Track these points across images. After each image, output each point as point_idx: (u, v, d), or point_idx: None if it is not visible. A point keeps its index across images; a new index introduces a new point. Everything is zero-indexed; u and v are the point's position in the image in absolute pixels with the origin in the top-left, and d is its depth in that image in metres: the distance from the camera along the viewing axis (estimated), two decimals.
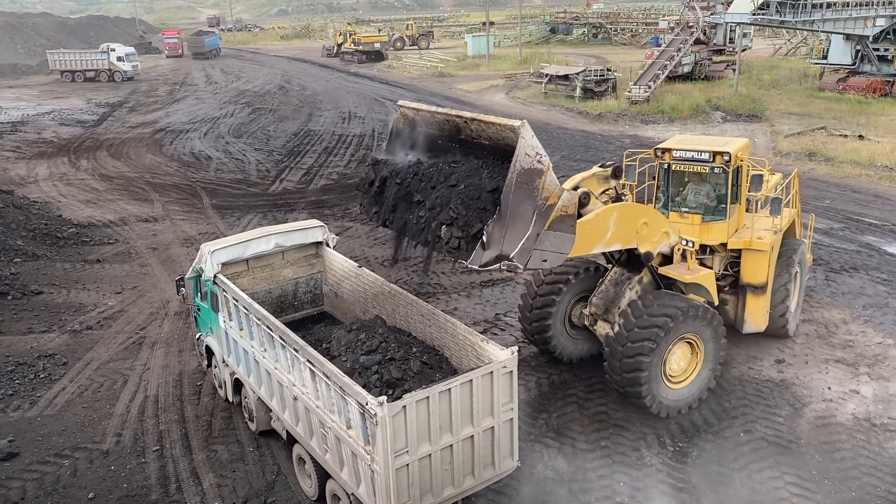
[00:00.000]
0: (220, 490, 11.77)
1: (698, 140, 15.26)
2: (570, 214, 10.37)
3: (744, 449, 12.46)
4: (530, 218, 9.80)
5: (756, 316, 14.85)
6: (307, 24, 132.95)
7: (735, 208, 14.50)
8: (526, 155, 9.45)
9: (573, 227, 10.50)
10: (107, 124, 46.24)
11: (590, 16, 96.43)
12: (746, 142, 15.03)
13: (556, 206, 10.01)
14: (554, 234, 10.20)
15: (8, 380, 15.13)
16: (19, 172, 33.24)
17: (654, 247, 13.02)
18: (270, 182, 31.24)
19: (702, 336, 13.12)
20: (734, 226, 14.65)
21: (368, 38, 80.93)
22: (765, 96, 44.94)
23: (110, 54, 69.54)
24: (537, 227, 9.92)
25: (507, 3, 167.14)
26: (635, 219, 12.48)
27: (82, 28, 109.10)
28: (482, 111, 45.79)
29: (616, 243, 12.29)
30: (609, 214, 11.92)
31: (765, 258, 14.39)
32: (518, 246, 9.83)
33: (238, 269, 13.69)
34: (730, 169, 13.90)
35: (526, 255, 9.98)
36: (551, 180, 9.84)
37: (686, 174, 14.66)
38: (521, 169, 9.44)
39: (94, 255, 22.35)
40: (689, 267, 13.61)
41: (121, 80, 68.73)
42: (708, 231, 14.31)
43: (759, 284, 14.57)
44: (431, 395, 9.46)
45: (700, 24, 49.66)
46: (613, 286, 14.13)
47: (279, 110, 49.33)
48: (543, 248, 10.17)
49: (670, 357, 13.02)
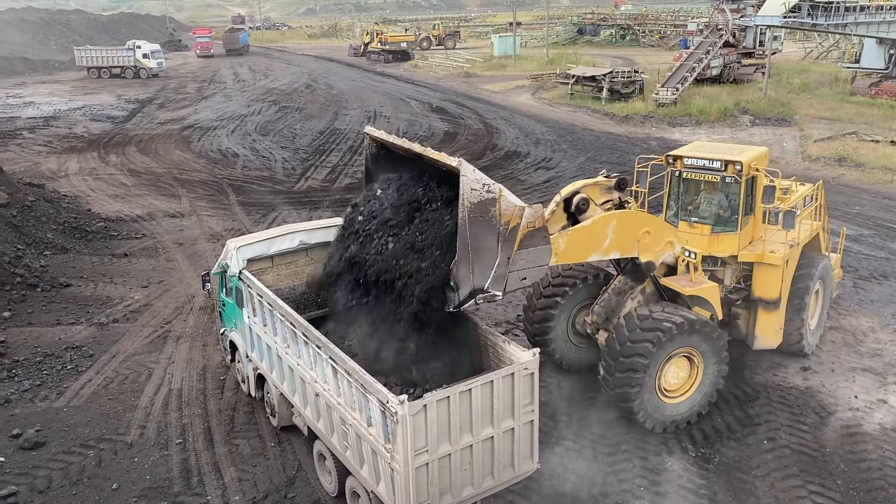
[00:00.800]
0: (241, 484, 11.87)
1: (712, 148, 14.72)
2: (540, 227, 10.30)
3: (767, 456, 12.32)
4: (495, 246, 9.85)
5: (767, 332, 14.20)
6: (334, 24, 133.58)
7: (748, 220, 13.92)
8: (472, 190, 9.50)
9: (546, 238, 10.48)
10: (136, 120, 46.84)
11: (618, 17, 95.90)
12: (764, 151, 14.43)
13: (520, 226, 9.99)
14: (527, 252, 10.21)
15: (36, 370, 15.39)
16: (50, 167, 33.78)
17: (656, 257, 12.67)
18: (296, 180, 31.45)
19: (700, 351, 12.71)
20: (747, 238, 14.05)
21: (395, 38, 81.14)
22: (795, 100, 44.35)
23: (136, 51, 70.47)
24: (506, 251, 9.96)
25: (534, 3, 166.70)
26: (637, 227, 12.21)
27: (114, 25, 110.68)
28: (508, 112, 45.86)
29: (615, 251, 12.05)
30: (607, 222, 11.75)
31: (777, 272, 13.72)
32: (490, 275, 9.90)
33: (263, 265, 13.80)
34: (742, 179, 13.35)
35: (501, 281, 10.06)
36: (506, 204, 9.83)
37: (698, 183, 14.16)
38: (471, 204, 9.50)
39: (121, 250, 22.66)
40: (693, 279, 13.10)
41: (146, 76, 69.57)
42: (717, 242, 13.76)
43: (770, 299, 13.92)
44: (452, 395, 9.46)
45: (730, 27, 49.15)
46: (616, 295, 13.77)
47: (306, 109, 49.63)
48: (518, 268, 10.18)
49: (666, 371, 12.64)
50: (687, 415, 12.99)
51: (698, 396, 13.02)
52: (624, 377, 12.24)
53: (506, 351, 10.63)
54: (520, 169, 32.38)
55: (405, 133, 39.95)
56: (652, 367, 12.25)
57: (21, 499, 11.54)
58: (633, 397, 12.27)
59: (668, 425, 12.84)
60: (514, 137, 38.87)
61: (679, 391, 12.98)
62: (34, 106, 51.99)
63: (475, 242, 9.65)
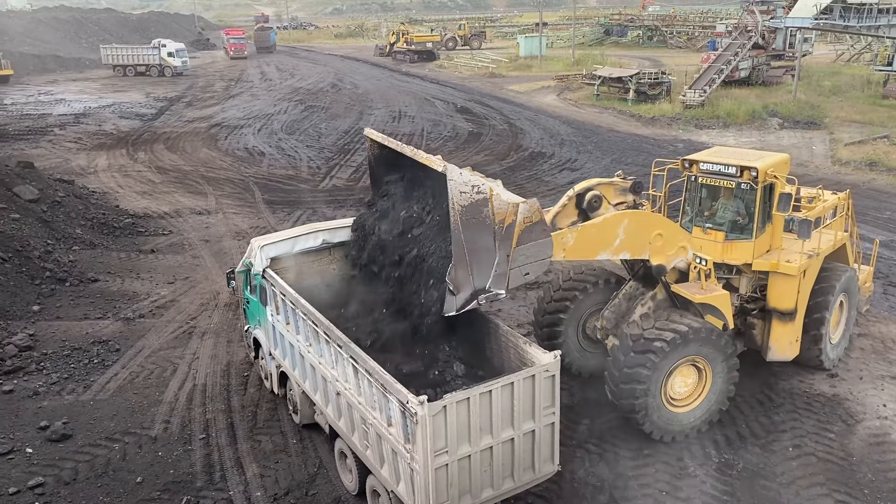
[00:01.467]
0: (263, 480, 11.97)
1: (730, 153, 14.42)
2: (538, 221, 10.18)
3: (792, 464, 12.16)
4: (493, 245, 9.80)
5: (782, 343, 13.86)
6: (361, 24, 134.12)
7: (766, 228, 13.55)
8: (461, 193, 9.47)
9: (546, 232, 10.37)
10: (164, 118, 47.39)
11: (645, 18, 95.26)
12: (784, 157, 13.99)
13: (516, 222, 9.90)
14: (526, 247, 10.11)
15: (64, 364, 15.63)
16: (80, 163, 34.30)
17: (667, 261, 12.45)
18: (321, 179, 31.62)
19: (707, 359, 12.49)
20: (763, 246, 13.68)
21: (421, 38, 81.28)
22: (825, 103, 43.74)
23: (161, 50, 71.25)
24: (504, 249, 9.90)
25: (560, 4, 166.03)
26: (649, 229, 12.03)
27: (143, 24, 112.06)
28: (533, 112, 45.77)
29: (625, 252, 11.89)
30: (619, 221, 11.60)
31: (792, 283, 13.38)
32: (490, 275, 9.87)
33: (286, 263, 13.89)
34: (758, 185, 13.01)
35: (503, 279, 10.01)
36: (499, 203, 9.74)
37: (716, 188, 13.86)
38: (461, 207, 9.48)
39: (148, 246, 22.94)
40: (703, 286, 12.82)
41: (171, 74, 70.26)
42: (731, 250, 13.44)
43: (785, 310, 13.60)
44: (472, 397, 9.46)
45: (759, 28, 48.59)
46: (627, 300, 13.56)
47: (331, 108, 49.89)
48: (520, 264, 10.11)
49: (673, 380, 12.43)
50: (696, 423, 12.78)
51: (707, 405, 12.81)
52: (628, 388, 12.05)
53: (527, 352, 10.60)
54: (544, 170, 32.28)
55: (429, 133, 40.01)
56: (655, 377, 12.04)
57: (48, 490, 11.72)
58: (638, 408, 12.07)
59: (676, 434, 12.62)
60: (538, 138, 38.76)
61: (687, 400, 12.76)
62: (65, 103, 52.80)
63: (471, 244, 9.63)
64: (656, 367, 11.92)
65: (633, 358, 12.02)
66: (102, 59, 72.07)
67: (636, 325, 12.42)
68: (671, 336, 11.95)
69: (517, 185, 29.12)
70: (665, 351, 11.90)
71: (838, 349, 15.09)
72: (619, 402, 12.31)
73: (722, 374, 12.69)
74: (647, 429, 12.35)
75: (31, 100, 54.27)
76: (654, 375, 11.98)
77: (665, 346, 11.89)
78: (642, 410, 12.14)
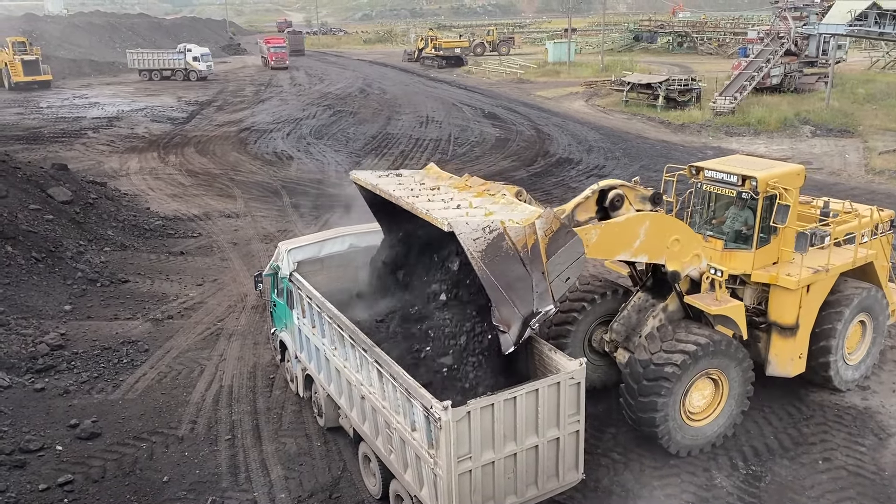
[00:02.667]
0: (288, 482, 12.04)
1: (739, 161, 14.13)
2: (559, 228, 10.11)
3: (822, 477, 11.95)
4: (524, 271, 9.76)
5: (781, 359, 13.46)
6: (390, 29, 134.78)
7: (770, 239, 13.12)
8: (474, 241, 9.42)
9: (571, 233, 10.29)
10: (195, 122, 48.00)
11: (675, 24, 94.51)
12: (796, 169, 13.50)
13: (538, 240, 9.84)
14: (557, 256, 10.06)
15: (94, 363, 15.87)
16: (112, 165, 34.85)
17: (682, 267, 12.28)
18: (348, 183, 31.73)
19: (725, 372, 12.32)
20: (767, 258, 13.24)
21: (449, 44, 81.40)
22: (858, 111, 43.00)
23: (187, 54, 72.29)
24: (537, 268, 9.88)
25: (589, 9, 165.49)
26: (668, 233, 11.90)
27: (176, 29, 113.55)
28: (560, 118, 45.60)
29: (643, 254, 11.78)
30: (641, 222, 11.51)
31: (793, 297, 12.98)
32: (533, 298, 9.84)
33: (313, 267, 13.98)
34: (759, 195, 12.75)
35: (547, 296, 10.00)
36: (515, 231, 9.68)
37: (721, 197, 13.65)
38: (481, 253, 9.42)
39: (178, 248, 23.23)
40: (718, 297, 12.65)
41: (195, 79, 71.15)
42: (729, 259, 13.09)
43: (785, 325, 13.21)
44: (496, 403, 9.44)
45: (792, 35, 47.96)
46: (636, 312, 13.37)
47: (359, 113, 50.16)
48: (557, 273, 10.07)
49: (691, 394, 12.26)
50: (712, 437, 12.59)
51: (724, 418, 12.61)
52: (648, 402, 11.88)
53: (552, 359, 10.55)
54: (571, 176, 32.15)
55: (457, 138, 40.04)
56: (676, 391, 11.89)
57: (77, 487, 11.90)
58: (658, 422, 11.90)
59: (693, 449, 12.44)
60: (566, 144, 38.62)
61: (704, 413, 12.57)
62: (99, 106, 53.70)
63: (503, 280, 9.61)
64: (685, 370, 11.81)
65: (646, 386, 11.88)
66: (129, 63, 73.14)
67: (644, 350, 12.21)
68: (681, 359, 11.78)
69: (544, 191, 29.03)
70: (677, 375, 11.75)
71: (857, 371, 14.52)
72: (640, 428, 12.22)
73: (738, 381, 12.53)
74: (673, 449, 12.24)
75: (66, 103, 55.29)
76: (680, 380, 11.86)
77: (676, 371, 11.74)
78: (665, 435, 12.05)
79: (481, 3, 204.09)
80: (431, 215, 9.95)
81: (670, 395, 11.81)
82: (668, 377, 11.73)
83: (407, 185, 11.81)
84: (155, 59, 72.97)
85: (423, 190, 11.56)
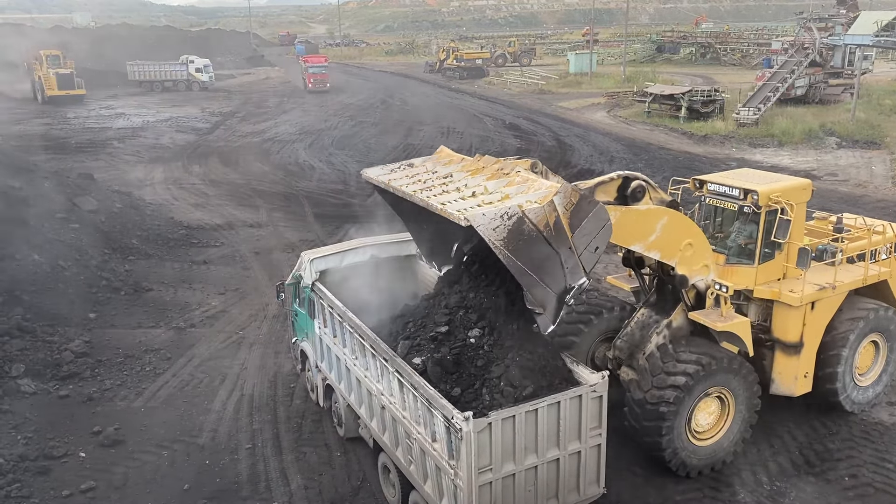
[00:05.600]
0: (307, 492, 12.04)
1: (744, 175, 13.89)
2: (579, 199, 9.83)
3: (848, 494, 11.75)
4: (552, 249, 9.61)
5: (785, 377, 13.17)
6: (411, 41, 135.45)
7: (774, 254, 12.87)
8: (494, 230, 9.25)
9: (593, 202, 10.03)
10: (219, 132, 48.49)
11: (698, 35, 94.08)
12: (801, 183, 13.24)
13: (559, 216, 9.64)
14: (582, 228, 9.82)
15: (118, 371, 16.02)
16: (137, 175, 35.28)
17: (691, 274, 12.14)
18: (369, 194, 31.87)
19: (731, 389, 12.11)
20: (770, 273, 12.97)
21: (470, 55, 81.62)
22: (885, 122, 42.46)
23: (189, 66, 72.98)
24: (563, 244, 9.68)
25: (611, 20, 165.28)
26: (683, 234, 11.79)
27: (201, 41, 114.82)
28: (582, 129, 45.49)
29: (656, 251, 11.66)
30: (659, 216, 11.40)
31: (796, 314, 12.71)
32: (565, 273, 9.69)
33: (335, 277, 14.03)
34: (762, 210, 12.54)
35: (578, 269, 9.80)
36: (534, 212, 9.49)
37: (724, 211, 13.47)
38: (503, 241, 9.28)
39: (201, 257, 23.42)
40: (723, 313, 12.42)
41: (198, 89, 71.74)
42: (731, 274, 12.82)
43: (789, 342, 12.94)
44: (518, 415, 9.39)
45: (817, 46, 47.55)
46: (640, 329, 13.12)
47: (381, 124, 50.41)
48: (584, 245, 9.86)
49: (696, 413, 12.06)
50: (720, 456, 12.38)
51: (730, 436, 12.39)
52: (652, 426, 11.71)
53: (574, 372, 10.48)
54: None
55: (478, 149, 40.07)
56: (682, 410, 11.71)
57: (99, 494, 12.00)
58: (664, 444, 11.73)
59: (702, 468, 12.23)
60: (587, 155, 38.52)
61: (710, 432, 12.36)
62: (125, 117, 54.44)
63: (531, 263, 9.46)
64: (691, 389, 11.62)
65: (649, 411, 11.70)
66: (128, 75, 71.98)
67: (646, 373, 12.04)
68: (683, 380, 11.62)
69: None
70: (679, 398, 11.59)
71: (869, 392, 14.16)
72: (643, 439, 12.00)
73: (744, 398, 12.30)
74: (682, 471, 12.03)
75: (93, 114, 56.11)
76: (686, 399, 11.67)
77: (679, 394, 11.58)
78: (672, 457, 11.88)
79: (503, 14, 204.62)
80: (447, 210, 9.81)
81: (674, 418, 11.63)
82: (670, 401, 11.56)
83: (419, 177, 11.57)
84: (156, 70, 72.95)
85: (437, 179, 11.32)
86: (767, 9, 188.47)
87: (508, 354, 10.46)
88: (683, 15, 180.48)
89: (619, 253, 13.76)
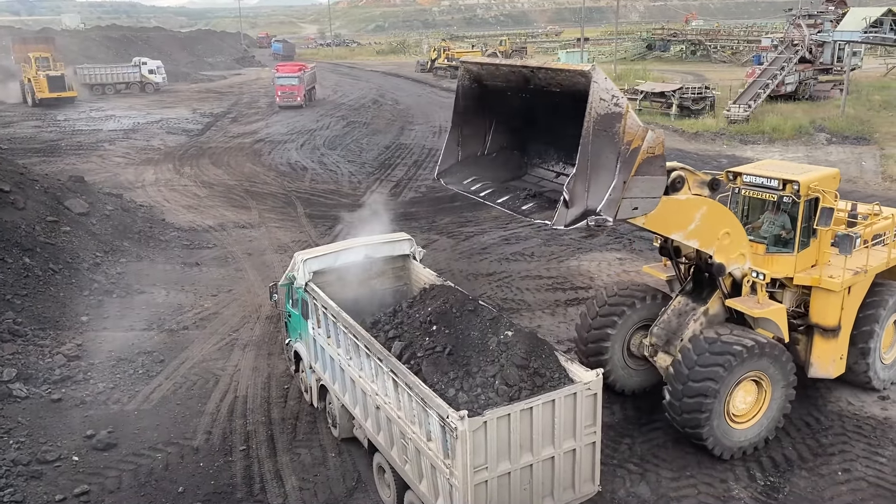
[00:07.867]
0: (302, 493, 12.02)
1: (775, 166, 14.23)
2: (658, 155, 9.78)
3: (841, 489, 11.80)
4: (614, 166, 9.37)
5: (824, 360, 13.57)
6: (403, 40, 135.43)
7: (810, 242, 13.25)
8: (601, 100, 8.96)
9: (663, 168, 10.00)
10: (210, 133, 48.33)
11: (688, 32, 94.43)
12: (833, 172, 13.63)
13: (640, 149, 9.48)
14: (642, 179, 9.71)
15: (111, 374, 15.95)
16: (128, 177, 35.12)
17: (728, 262, 12.35)
18: (361, 193, 31.88)
19: (769, 374, 12.33)
20: (807, 260, 13.37)
21: (461, 54, 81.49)
22: (875, 118, 42.70)
23: (142, 67, 72.96)
24: (623, 174, 9.48)
25: (602, 19, 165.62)
26: (721, 223, 11.94)
27: (191, 42, 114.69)
28: None
29: (694, 240, 11.78)
30: (699, 206, 11.49)
31: (835, 299, 13.12)
32: (604, 198, 9.44)
33: (328, 278, 14.01)
34: (801, 199, 12.81)
35: (614, 206, 9.60)
36: (632, 122, 9.31)
37: (761, 201, 13.68)
38: (598, 115, 8.98)
39: (193, 259, 23.35)
40: (759, 300, 12.68)
41: (152, 91, 71.60)
42: (771, 263, 13.15)
43: (828, 326, 13.33)
44: (513, 413, 9.39)
45: (806, 43, 47.75)
46: (676, 316, 13.39)
47: (372, 124, 50.37)
48: (633, 195, 9.71)
49: (734, 396, 12.26)
50: (755, 440, 12.60)
51: (766, 421, 12.63)
52: (693, 402, 11.90)
53: (568, 370, 10.49)
54: None
55: None
56: (722, 391, 11.91)
57: (93, 497, 11.94)
58: (703, 423, 11.93)
59: (736, 451, 12.45)
60: None
61: (747, 416, 12.59)
62: (115, 119, 54.18)
63: (595, 159, 9.17)
64: (732, 371, 11.83)
65: (710, 358, 11.90)
66: (79, 79, 68.67)
67: (690, 352, 12.22)
68: (751, 343, 11.96)
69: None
70: (743, 356, 11.84)
71: (891, 371, 14.65)
72: (682, 416, 12.16)
73: (781, 384, 12.54)
74: (717, 451, 12.24)
75: (83, 116, 55.81)
76: (726, 382, 11.87)
77: (744, 352, 11.85)
78: (710, 436, 12.04)
79: (494, 13, 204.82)
80: (567, 65, 9.53)
81: (716, 397, 11.84)
82: (714, 378, 11.78)
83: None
84: (107, 73, 72.05)
85: None
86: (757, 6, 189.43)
87: (503, 353, 10.50)
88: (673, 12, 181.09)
89: (656, 243, 13.99)
